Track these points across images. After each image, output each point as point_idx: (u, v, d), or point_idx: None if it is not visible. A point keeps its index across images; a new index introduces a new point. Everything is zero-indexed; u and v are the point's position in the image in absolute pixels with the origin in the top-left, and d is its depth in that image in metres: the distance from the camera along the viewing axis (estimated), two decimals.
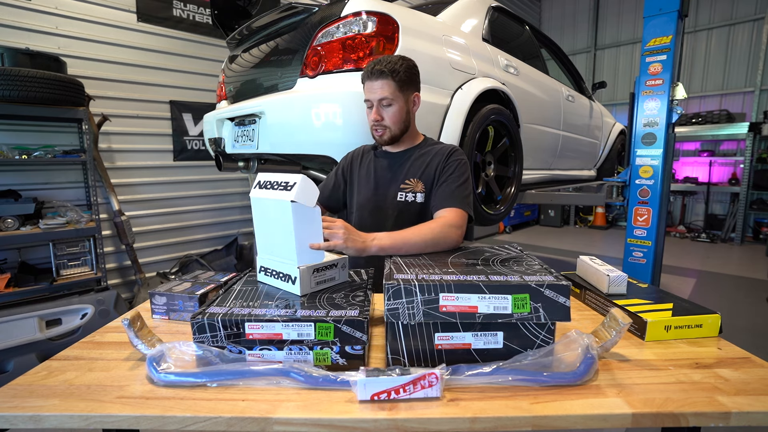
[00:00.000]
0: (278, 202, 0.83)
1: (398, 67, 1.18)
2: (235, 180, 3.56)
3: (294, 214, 0.81)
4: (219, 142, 2.13)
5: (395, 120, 1.23)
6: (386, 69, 1.17)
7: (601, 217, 7.01)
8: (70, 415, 0.60)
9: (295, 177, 0.83)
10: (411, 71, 1.23)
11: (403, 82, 1.20)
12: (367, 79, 1.21)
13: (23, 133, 2.48)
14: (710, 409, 0.60)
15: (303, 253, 0.84)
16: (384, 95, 1.18)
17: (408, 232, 1.01)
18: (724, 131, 5.72)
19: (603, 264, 1.09)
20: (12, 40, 2.41)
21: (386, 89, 1.18)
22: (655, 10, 2.68)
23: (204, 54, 3.26)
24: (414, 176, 1.25)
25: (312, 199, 0.83)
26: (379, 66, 1.18)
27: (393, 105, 1.20)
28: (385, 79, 1.18)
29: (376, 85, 1.18)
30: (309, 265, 0.84)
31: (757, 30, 5.65)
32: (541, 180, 2.88)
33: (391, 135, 1.25)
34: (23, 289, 2.27)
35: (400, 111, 1.22)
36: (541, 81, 2.68)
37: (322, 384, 0.65)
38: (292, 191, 0.80)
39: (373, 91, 1.19)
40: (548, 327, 0.71)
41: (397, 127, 1.24)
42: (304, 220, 0.83)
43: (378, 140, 1.28)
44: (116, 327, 0.94)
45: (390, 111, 1.21)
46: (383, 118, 1.22)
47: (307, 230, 0.84)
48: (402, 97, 1.21)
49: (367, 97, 1.22)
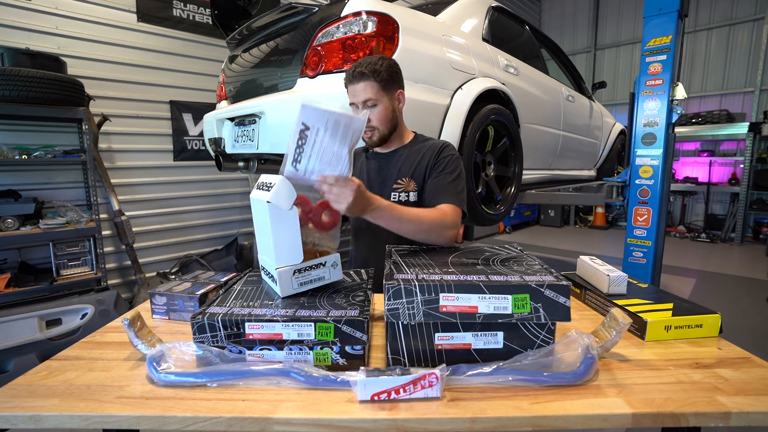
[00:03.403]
0: (261, 203, 0.83)
1: (379, 67, 1.18)
2: (235, 180, 3.56)
3: (271, 214, 0.80)
4: (219, 142, 2.13)
5: (382, 120, 1.22)
6: (367, 70, 1.16)
7: (601, 217, 7.01)
8: (70, 415, 0.60)
9: (275, 178, 0.83)
10: (392, 69, 1.22)
11: (386, 81, 1.20)
12: (349, 83, 1.20)
13: (23, 133, 2.48)
14: (710, 409, 0.60)
15: (282, 254, 0.83)
16: (368, 96, 1.18)
17: (406, 213, 1.02)
18: (724, 131, 5.72)
19: (603, 264, 1.09)
20: (12, 40, 2.41)
21: (369, 90, 1.18)
22: (655, 10, 2.68)
23: (204, 54, 3.26)
24: (405, 175, 1.25)
25: (288, 203, 0.81)
26: (360, 68, 1.17)
27: (378, 105, 1.20)
28: (367, 80, 1.17)
29: (359, 87, 1.18)
30: (288, 266, 0.83)
31: (757, 30, 5.65)
32: (541, 180, 2.88)
33: (380, 135, 1.24)
34: (23, 289, 2.27)
35: (385, 110, 1.22)
36: (541, 81, 2.68)
37: (322, 384, 0.65)
38: (270, 192, 0.81)
39: (356, 94, 1.19)
40: (548, 327, 0.71)
41: (384, 127, 1.24)
42: (280, 221, 0.82)
43: (368, 142, 1.27)
44: (116, 327, 0.94)
45: (375, 112, 1.21)
46: (370, 120, 1.21)
47: (285, 231, 0.83)
48: (386, 96, 1.21)
49: (352, 101, 1.21)
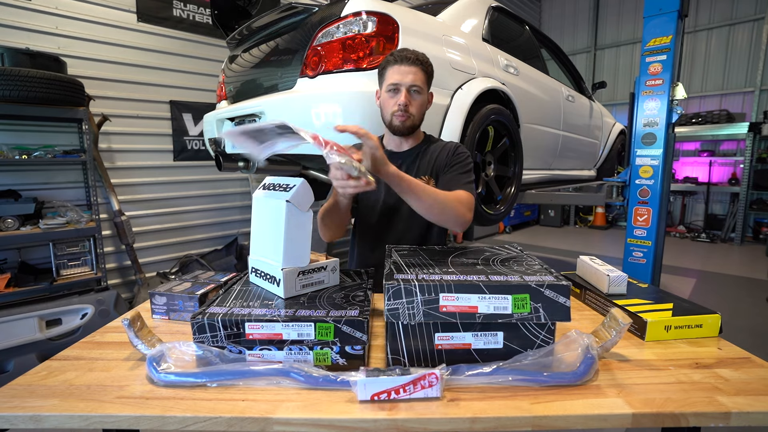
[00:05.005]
0: (275, 202, 0.85)
1: (427, 60, 1.20)
2: (235, 180, 3.56)
3: (287, 214, 0.82)
4: (219, 142, 2.13)
5: (419, 109, 1.22)
6: (419, 58, 1.17)
7: (601, 217, 7.01)
8: (70, 415, 0.60)
9: (296, 181, 0.85)
10: (432, 69, 1.24)
11: (429, 76, 1.22)
12: (395, 63, 1.18)
13: (23, 133, 2.48)
14: (710, 409, 0.60)
15: (290, 255, 0.84)
16: (416, 82, 1.17)
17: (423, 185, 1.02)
18: (724, 131, 5.72)
19: (603, 264, 1.09)
20: (12, 40, 2.40)
21: (419, 76, 1.18)
22: (655, 10, 2.68)
23: (204, 54, 3.26)
24: (425, 173, 1.26)
25: (306, 205, 0.84)
26: (411, 54, 1.17)
27: (421, 94, 1.20)
28: (418, 66, 1.17)
29: (410, 69, 1.17)
30: (293, 268, 0.84)
31: (757, 30, 5.65)
32: (541, 180, 2.88)
33: (412, 123, 1.22)
34: (23, 289, 2.27)
35: (423, 103, 1.23)
36: (541, 81, 2.68)
37: (322, 384, 0.65)
38: (290, 192, 0.83)
39: (404, 74, 1.17)
40: (548, 327, 0.71)
41: (418, 118, 1.24)
42: (295, 222, 0.84)
43: (397, 127, 1.23)
44: (116, 327, 0.94)
45: (418, 99, 1.20)
46: (411, 104, 1.19)
47: (297, 234, 0.85)
48: (426, 90, 1.22)
49: (396, 80, 1.17)
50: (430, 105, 1.29)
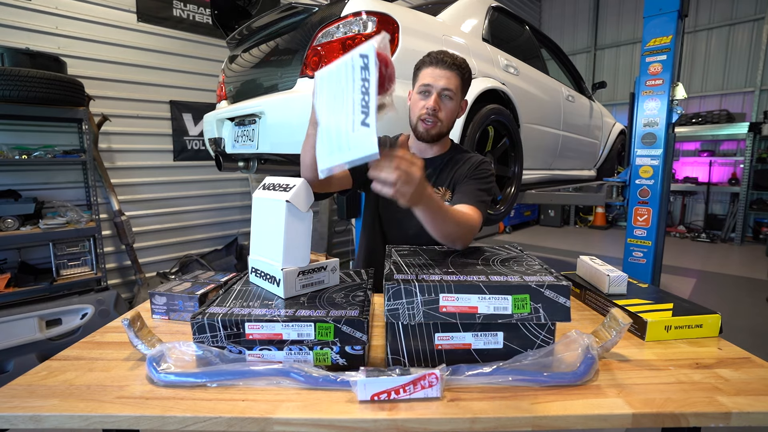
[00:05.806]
0: (275, 202, 0.85)
1: (465, 65, 1.12)
2: (235, 180, 3.56)
3: (287, 214, 0.82)
4: (219, 142, 2.13)
5: (448, 116, 1.14)
6: (456, 62, 1.09)
7: (601, 217, 7.01)
8: (70, 415, 0.60)
9: (296, 181, 0.85)
10: (470, 76, 1.16)
11: (465, 82, 1.14)
12: (431, 64, 1.11)
13: (23, 133, 2.48)
14: (710, 410, 0.60)
15: (290, 255, 0.84)
16: (449, 86, 1.10)
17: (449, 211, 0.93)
18: (724, 131, 5.72)
19: (603, 264, 1.09)
20: (12, 40, 2.41)
21: (453, 81, 1.10)
22: (655, 10, 2.68)
23: (204, 54, 3.26)
24: (443, 184, 1.20)
25: (306, 205, 0.84)
26: (448, 57, 1.09)
27: (453, 101, 1.12)
28: (454, 71, 1.10)
29: (444, 73, 1.09)
30: (293, 268, 0.84)
31: (757, 30, 5.65)
32: (541, 180, 2.88)
33: (439, 131, 1.15)
34: (23, 289, 2.27)
35: (454, 110, 1.15)
36: (541, 81, 2.68)
37: (322, 384, 0.65)
38: (290, 192, 0.83)
39: (437, 77, 1.09)
40: (548, 327, 0.70)
41: (446, 126, 1.16)
42: (295, 222, 0.84)
43: (421, 134, 1.16)
44: (116, 327, 0.94)
45: (449, 106, 1.13)
46: (440, 109, 1.12)
47: (297, 234, 0.85)
48: (459, 97, 1.14)
49: (428, 82, 1.11)
50: (462, 114, 1.20)
